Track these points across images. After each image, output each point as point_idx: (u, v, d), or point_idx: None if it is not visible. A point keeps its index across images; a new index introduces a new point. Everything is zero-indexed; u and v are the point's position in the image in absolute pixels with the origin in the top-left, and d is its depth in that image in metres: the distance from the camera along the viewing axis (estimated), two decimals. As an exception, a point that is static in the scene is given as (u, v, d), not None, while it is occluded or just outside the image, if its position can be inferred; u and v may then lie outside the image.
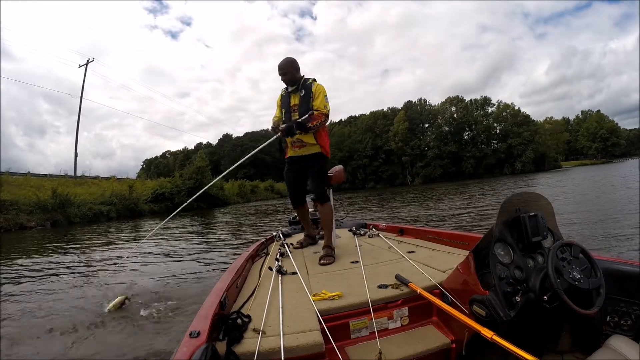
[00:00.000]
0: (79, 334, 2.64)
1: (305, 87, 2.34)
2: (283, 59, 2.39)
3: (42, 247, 8.17)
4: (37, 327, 2.83)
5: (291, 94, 2.38)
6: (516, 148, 48.87)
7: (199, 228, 11.08)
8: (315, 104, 2.28)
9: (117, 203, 18.25)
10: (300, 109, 2.30)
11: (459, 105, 53.47)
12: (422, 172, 50.99)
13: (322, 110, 2.27)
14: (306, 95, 2.32)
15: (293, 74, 2.35)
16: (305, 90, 2.33)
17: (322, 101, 2.29)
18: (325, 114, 2.28)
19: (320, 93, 2.30)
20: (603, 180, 15.24)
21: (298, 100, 2.33)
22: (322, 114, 2.26)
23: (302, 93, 2.33)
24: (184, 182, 23.33)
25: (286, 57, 2.42)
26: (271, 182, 42.17)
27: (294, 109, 2.35)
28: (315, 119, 2.24)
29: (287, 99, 2.40)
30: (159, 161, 75.60)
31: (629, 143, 72.68)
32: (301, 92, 2.33)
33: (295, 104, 2.34)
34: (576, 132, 70.13)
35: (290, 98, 2.38)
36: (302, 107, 2.31)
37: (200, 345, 0.92)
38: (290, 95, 2.38)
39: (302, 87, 2.35)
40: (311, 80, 2.37)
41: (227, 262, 4.94)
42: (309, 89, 2.33)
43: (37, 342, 2.58)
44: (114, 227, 12.90)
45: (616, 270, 1.18)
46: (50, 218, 14.84)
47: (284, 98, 2.43)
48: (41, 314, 3.14)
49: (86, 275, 4.80)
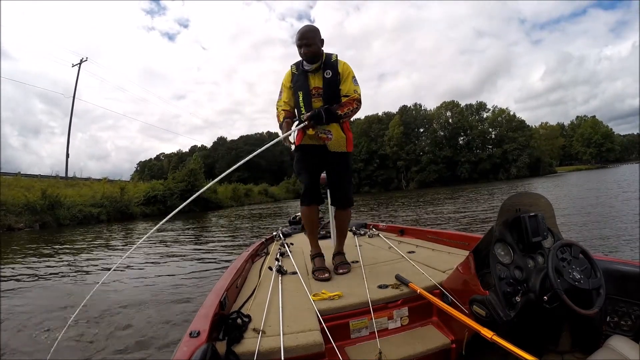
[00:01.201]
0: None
1: (330, 65, 1.87)
2: (304, 26, 1.88)
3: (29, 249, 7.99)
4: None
5: (309, 73, 1.87)
6: (511, 153, 49.13)
7: (193, 231, 10.97)
8: (344, 89, 1.85)
9: (108, 205, 17.97)
10: (326, 94, 1.84)
11: (454, 110, 53.82)
12: (417, 177, 51.17)
13: (352, 95, 1.85)
14: (333, 76, 1.85)
15: (318, 46, 1.85)
16: (331, 70, 1.85)
17: (352, 84, 1.87)
18: (357, 100, 1.86)
19: (349, 74, 1.87)
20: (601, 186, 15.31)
21: (321, 83, 1.85)
22: (353, 100, 1.84)
23: (329, 74, 1.85)
24: (176, 184, 23.06)
25: (307, 24, 1.93)
26: (265, 186, 42.01)
27: (315, 92, 1.86)
28: (346, 105, 1.83)
29: (303, 80, 1.87)
30: (153, 164, 75.16)
31: (623, 148, 74.17)
32: (326, 72, 1.85)
33: (318, 87, 1.86)
34: (571, 137, 71.09)
35: (309, 79, 1.87)
36: (328, 91, 1.85)
37: (200, 345, 0.92)
38: (309, 76, 1.87)
39: (326, 66, 1.86)
40: (335, 57, 1.90)
41: (216, 268, 4.88)
42: (334, 68, 1.86)
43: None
44: (104, 230, 12.68)
45: (616, 270, 1.19)
46: (39, 220, 14.55)
47: (297, 78, 1.89)
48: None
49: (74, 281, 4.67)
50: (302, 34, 1.83)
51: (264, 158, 67.24)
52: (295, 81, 1.90)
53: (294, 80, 1.90)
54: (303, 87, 1.87)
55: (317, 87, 1.86)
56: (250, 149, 70.95)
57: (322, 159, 1.93)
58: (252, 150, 2.30)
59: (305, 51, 1.82)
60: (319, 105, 1.84)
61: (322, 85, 1.85)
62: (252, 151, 2.10)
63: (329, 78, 1.85)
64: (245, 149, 67.21)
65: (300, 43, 1.83)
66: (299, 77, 1.89)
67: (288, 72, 1.95)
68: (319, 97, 1.86)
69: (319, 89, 1.86)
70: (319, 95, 1.86)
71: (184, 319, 2.79)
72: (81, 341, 2.53)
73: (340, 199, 2.02)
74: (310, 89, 1.86)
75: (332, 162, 1.94)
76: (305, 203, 1.95)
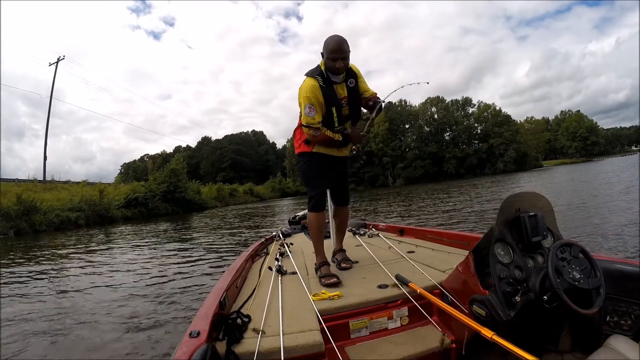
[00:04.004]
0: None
1: (351, 74, 1.85)
2: (334, 35, 1.75)
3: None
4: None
5: (335, 84, 1.81)
6: (497, 148, 49.79)
7: (182, 233, 10.71)
8: (363, 88, 1.89)
9: (87, 209, 17.21)
10: (351, 103, 1.86)
11: (439, 105, 54.38)
12: (404, 173, 51.67)
13: (372, 92, 1.89)
14: (355, 85, 1.85)
15: (349, 58, 1.77)
16: (353, 79, 1.85)
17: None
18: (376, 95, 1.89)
19: (360, 74, 1.88)
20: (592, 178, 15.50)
21: (345, 92, 1.84)
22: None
23: (352, 83, 1.84)
24: (158, 186, 22.39)
25: (337, 35, 1.75)
26: (250, 185, 41.50)
27: (343, 103, 1.85)
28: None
29: (332, 92, 1.80)
30: (137, 165, 73.17)
31: (607, 142, 77.00)
32: (349, 81, 1.83)
33: (344, 97, 1.84)
34: (555, 131, 72.91)
35: (336, 89, 1.82)
36: (353, 100, 1.85)
37: (200, 345, 0.92)
38: (334, 86, 1.81)
39: (348, 76, 1.84)
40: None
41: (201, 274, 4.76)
42: (355, 76, 1.86)
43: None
44: (81, 235, 12.16)
45: (616, 270, 1.20)
46: (14, 226, 13.87)
47: (326, 91, 1.78)
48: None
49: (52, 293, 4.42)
50: (339, 46, 1.71)
51: (248, 157, 66.78)
52: (327, 95, 1.79)
53: (325, 94, 1.78)
54: (333, 101, 1.80)
55: (344, 97, 1.85)
56: (235, 149, 70.31)
57: (331, 166, 1.99)
58: (237, 150, 2.36)
59: (340, 65, 1.73)
60: (346, 114, 1.86)
61: (346, 94, 1.85)
62: (237, 150, 2.14)
63: (352, 87, 1.85)
64: (230, 149, 66.54)
65: (336, 56, 1.71)
66: (327, 89, 1.79)
67: (314, 86, 1.77)
68: (346, 106, 1.86)
69: (345, 99, 1.85)
70: (345, 104, 1.86)
71: (184, 319, 2.79)
72: (81, 341, 2.54)
73: (345, 198, 2.14)
74: (339, 99, 1.83)
75: (338, 166, 2.01)
76: (316, 209, 1.95)
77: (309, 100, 1.76)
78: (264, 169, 66.47)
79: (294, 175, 57.23)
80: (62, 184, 22.85)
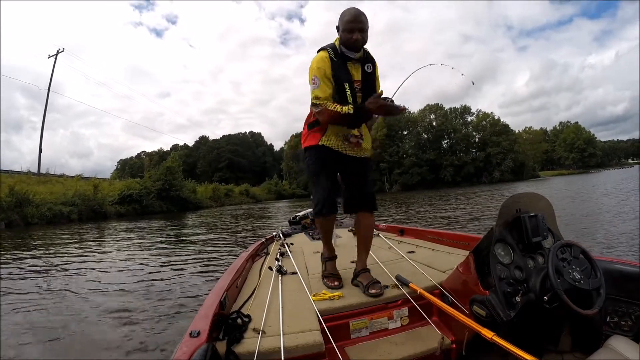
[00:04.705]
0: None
1: (370, 59, 1.62)
2: (352, 8, 1.55)
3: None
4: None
5: (348, 62, 1.56)
6: (495, 157, 49.94)
7: (176, 232, 10.60)
8: (378, 86, 1.66)
9: (80, 204, 17.02)
10: (364, 91, 1.56)
11: (438, 113, 54.62)
12: (400, 180, 51.72)
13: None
14: (372, 72, 1.61)
15: (367, 34, 1.56)
16: (372, 64, 1.61)
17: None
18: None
19: (378, 72, 1.67)
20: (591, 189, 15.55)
21: (360, 76, 1.58)
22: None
23: (369, 68, 1.59)
24: (153, 183, 22.20)
25: (354, 7, 1.55)
26: (246, 186, 41.43)
27: (357, 86, 1.57)
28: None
29: (344, 69, 1.55)
30: (133, 162, 72.67)
31: (604, 154, 77.52)
32: (367, 65, 1.59)
33: (358, 81, 1.57)
34: (553, 142, 73.38)
35: (350, 69, 1.56)
36: (366, 88, 1.57)
37: (200, 345, 0.92)
38: (348, 65, 1.56)
39: (367, 59, 1.60)
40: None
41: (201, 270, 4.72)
42: (374, 63, 1.62)
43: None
44: (74, 230, 11.96)
45: (616, 270, 1.21)
46: (5, 218, 13.68)
47: (337, 65, 1.54)
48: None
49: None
50: (356, 16, 1.51)
51: (245, 158, 66.55)
52: (337, 69, 1.53)
53: (335, 68, 1.53)
54: (345, 77, 1.53)
55: (358, 81, 1.57)
56: (233, 149, 70.12)
57: (344, 166, 1.67)
58: (234, 150, 2.30)
59: (357, 37, 1.51)
60: (359, 102, 1.54)
61: (360, 78, 1.58)
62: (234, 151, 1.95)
63: (369, 72, 1.59)
64: (228, 149, 66.39)
65: (353, 27, 1.50)
66: (339, 64, 1.54)
67: (324, 57, 1.54)
68: (359, 92, 1.56)
69: (359, 83, 1.57)
70: (359, 90, 1.56)
71: (184, 319, 2.76)
72: (80, 342, 2.50)
73: (368, 200, 1.68)
74: (352, 80, 1.55)
75: (354, 167, 1.66)
76: (326, 213, 1.62)
77: (313, 72, 1.53)
78: (260, 171, 66.29)
79: (291, 178, 57.22)
80: (57, 178, 22.65)
